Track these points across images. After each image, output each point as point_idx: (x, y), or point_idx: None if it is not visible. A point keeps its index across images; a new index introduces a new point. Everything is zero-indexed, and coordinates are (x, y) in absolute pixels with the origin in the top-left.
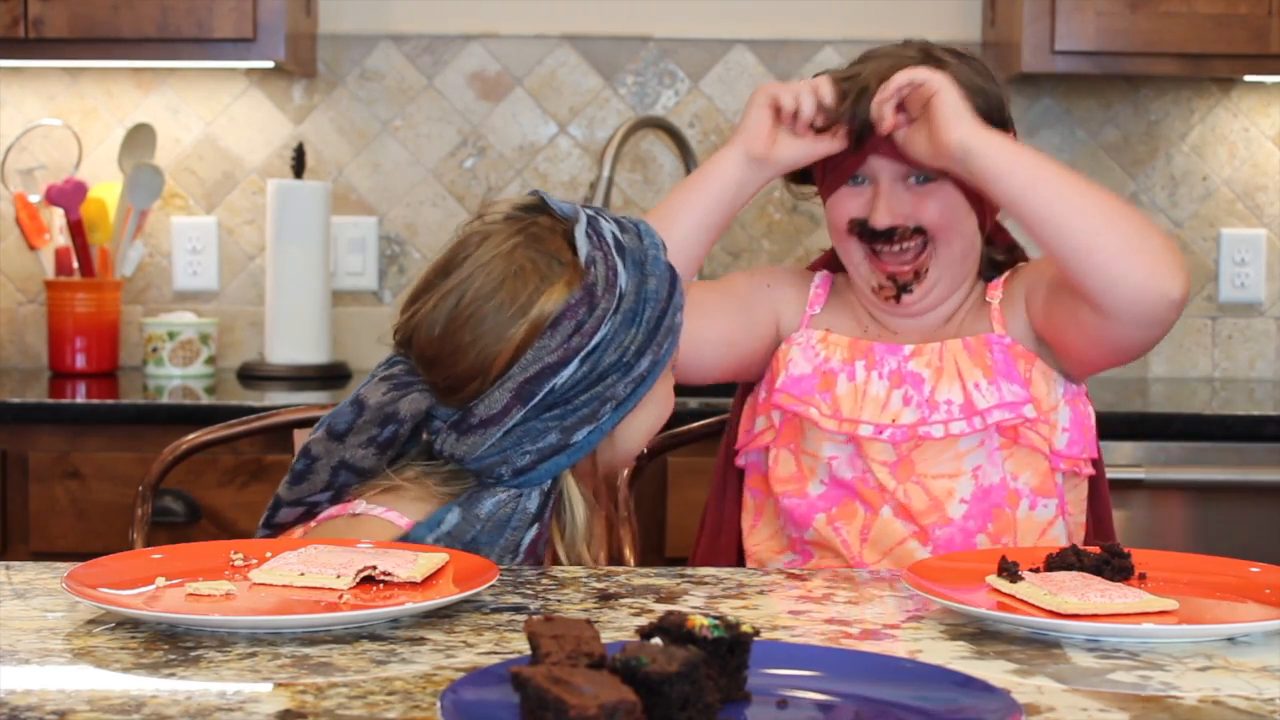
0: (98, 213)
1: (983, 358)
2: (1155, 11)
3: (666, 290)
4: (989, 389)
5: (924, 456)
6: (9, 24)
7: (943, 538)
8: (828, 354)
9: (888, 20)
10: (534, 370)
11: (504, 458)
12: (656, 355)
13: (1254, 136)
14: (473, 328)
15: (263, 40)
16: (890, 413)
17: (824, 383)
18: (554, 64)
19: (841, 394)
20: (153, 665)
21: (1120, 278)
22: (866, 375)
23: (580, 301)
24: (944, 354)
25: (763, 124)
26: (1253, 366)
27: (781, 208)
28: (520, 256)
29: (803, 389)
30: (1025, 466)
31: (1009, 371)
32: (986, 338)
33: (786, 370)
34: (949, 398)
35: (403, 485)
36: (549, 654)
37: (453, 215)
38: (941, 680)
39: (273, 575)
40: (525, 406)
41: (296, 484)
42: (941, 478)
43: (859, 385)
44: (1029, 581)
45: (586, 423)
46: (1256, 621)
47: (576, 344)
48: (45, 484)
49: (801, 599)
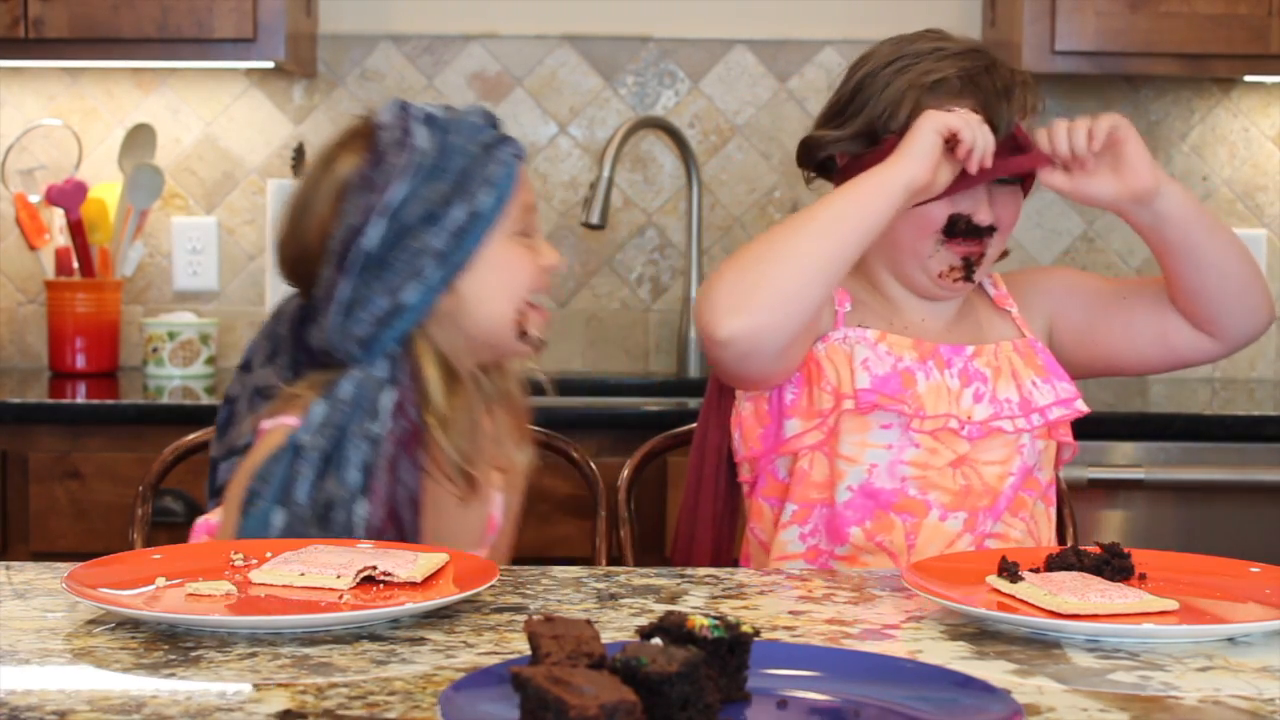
0: (98, 213)
1: (1033, 359)
2: (1155, 11)
3: (480, 144)
4: (1044, 387)
5: (982, 448)
6: (9, 24)
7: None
8: (899, 354)
9: (888, 20)
10: (341, 237)
11: (347, 333)
12: (472, 206)
13: (1254, 136)
14: (294, 216)
15: (263, 40)
16: (964, 409)
17: (905, 381)
18: (554, 64)
19: (923, 392)
20: (153, 665)
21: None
22: (941, 375)
23: (370, 163)
24: (999, 354)
25: (935, 153)
26: (1253, 366)
27: (782, 208)
28: (329, 146)
29: (892, 389)
30: (1045, 464)
31: (1058, 371)
32: (1030, 343)
33: (868, 370)
34: (1007, 396)
35: (298, 394)
36: (549, 654)
37: None
38: (941, 680)
39: (273, 575)
40: (347, 276)
41: (223, 436)
42: (994, 464)
43: (938, 384)
44: (1029, 581)
45: (411, 280)
46: (1256, 621)
47: (372, 202)
48: (45, 484)
49: (801, 599)
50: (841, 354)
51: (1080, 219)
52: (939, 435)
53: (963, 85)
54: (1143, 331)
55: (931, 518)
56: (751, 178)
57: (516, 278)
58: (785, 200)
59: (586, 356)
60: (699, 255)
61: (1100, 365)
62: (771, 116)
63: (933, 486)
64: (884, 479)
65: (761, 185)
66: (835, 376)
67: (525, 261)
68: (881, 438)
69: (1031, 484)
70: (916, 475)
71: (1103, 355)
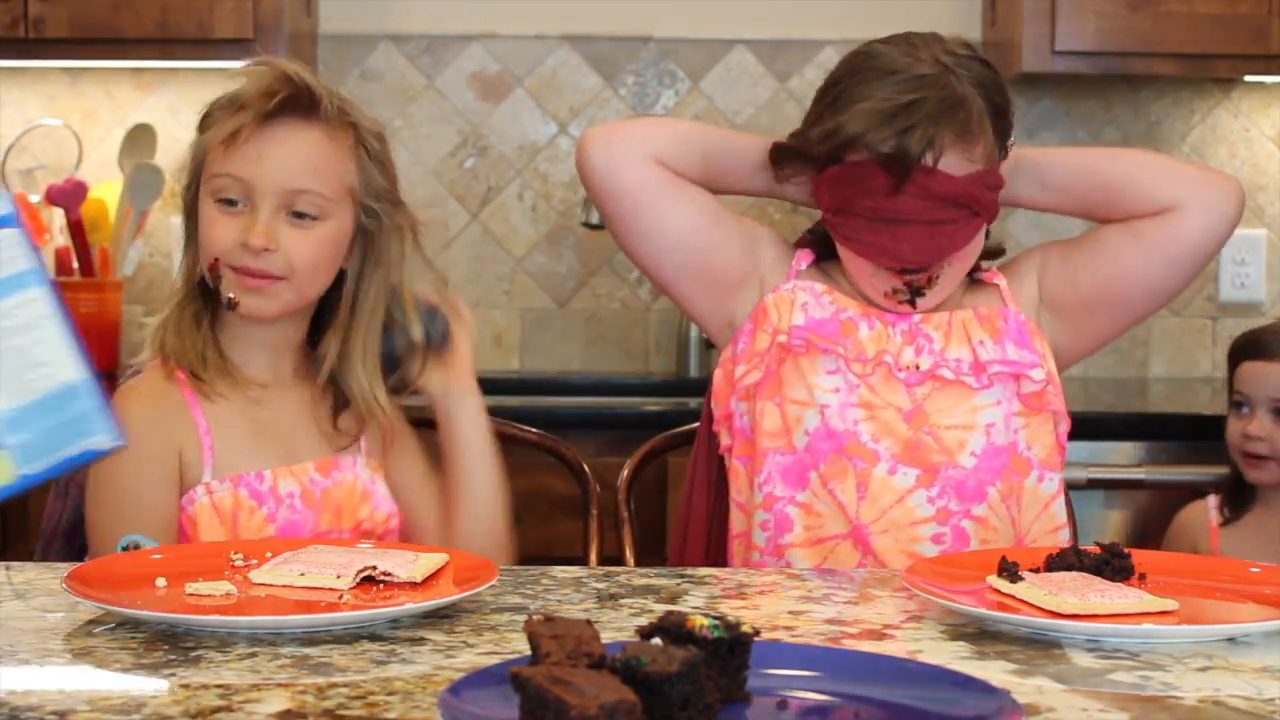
0: (98, 213)
1: (992, 323)
2: (1155, 11)
3: None
4: (994, 347)
5: (937, 406)
6: (9, 24)
7: (955, 478)
8: (842, 306)
9: (888, 20)
10: None
11: None
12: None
13: (1254, 136)
14: None
15: (263, 40)
16: (905, 361)
17: (845, 328)
18: (554, 64)
19: (864, 338)
20: (153, 665)
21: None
22: (884, 329)
23: None
24: (953, 320)
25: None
26: None
27: (782, 208)
28: None
29: (827, 331)
30: (1037, 439)
31: (1021, 339)
32: (1002, 309)
33: (805, 312)
34: (958, 356)
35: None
36: (549, 654)
37: (453, 215)
38: (941, 680)
39: (273, 575)
40: None
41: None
42: (955, 428)
43: (879, 332)
44: (1029, 582)
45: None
46: (1256, 621)
47: None
48: (45, 484)
49: (801, 599)
50: (786, 300)
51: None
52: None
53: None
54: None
55: (880, 469)
56: None
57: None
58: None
59: (586, 356)
60: None
61: (1099, 303)
62: (771, 116)
63: (885, 434)
64: (837, 420)
65: None
66: (776, 318)
67: (214, 226)
68: (828, 381)
69: (1020, 464)
70: (867, 418)
71: (1094, 285)
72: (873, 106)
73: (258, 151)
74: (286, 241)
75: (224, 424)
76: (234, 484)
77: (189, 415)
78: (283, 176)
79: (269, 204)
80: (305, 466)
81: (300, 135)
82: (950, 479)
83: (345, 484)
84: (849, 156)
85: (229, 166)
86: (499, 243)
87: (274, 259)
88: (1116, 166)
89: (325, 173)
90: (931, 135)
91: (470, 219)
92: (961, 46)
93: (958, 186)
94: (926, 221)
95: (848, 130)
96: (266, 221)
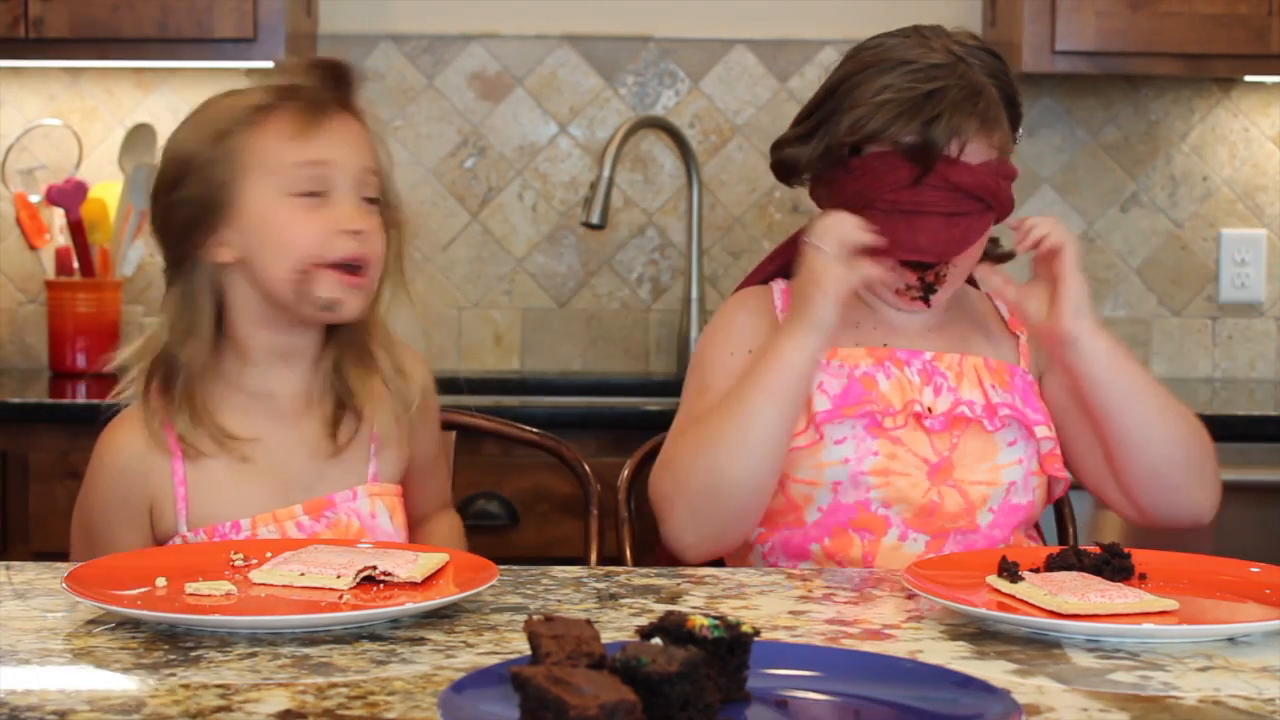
0: (98, 213)
1: (1002, 375)
2: (1155, 11)
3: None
4: (1004, 394)
5: (964, 461)
6: (9, 24)
7: (964, 542)
8: (854, 363)
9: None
10: None
11: None
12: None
13: (1254, 136)
14: None
15: (263, 40)
16: (926, 402)
17: (866, 385)
18: (554, 64)
19: (886, 390)
20: (153, 665)
21: (1173, 503)
22: (901, 372)
23: None
24: (964, 363)
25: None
26: (1253, 367)
27: (782, 208)
28: None
29: (853, 397)
30: (1040, 498)
31: (1027, 398)
32: (1010, 367)
33: (825, 393)
34: (971, 398)
35: None
36: (549, 654)
37: (453, 215)
38: (941, 680)
39: (273, 575)
40: None
41: None
42: (979, 484)
43: (898, 379)
44: (1029, 581)
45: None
46: (1256, 621)
47: None
48: (45, 484)
49: (801, 599)
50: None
51: (1081, 219)
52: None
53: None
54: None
55: (890, 537)
56: (752, 178)
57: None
58: (785, 200)
59: (586, 356)
60: (699, 255)
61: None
62: (771, 116)
63: (899, 499)
64: (849, 493)
65: (761, 185)
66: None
67: (300, 223)
68: (835, 454)
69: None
70: (881, 484)
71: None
72: (893, 97)
73: (333, 137)
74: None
75: (205, 474)
76: (208, 535)
77: (167, 466)
78: (359, 157)
79: (351, 187)
80: (292, 510)
81: (348, 118)
82: (960, 543)
83: (338, 524)
84: (868, 149)
85: (308, 154)
86: (499, 243)
87: (371, 244)
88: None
89: (377, 153)
90: (957, 124)
91: (470, 219)
92: (969, 37)
93: (978, 176)
94: (944, 213)
95: (871, 123)
96: (354, 204)
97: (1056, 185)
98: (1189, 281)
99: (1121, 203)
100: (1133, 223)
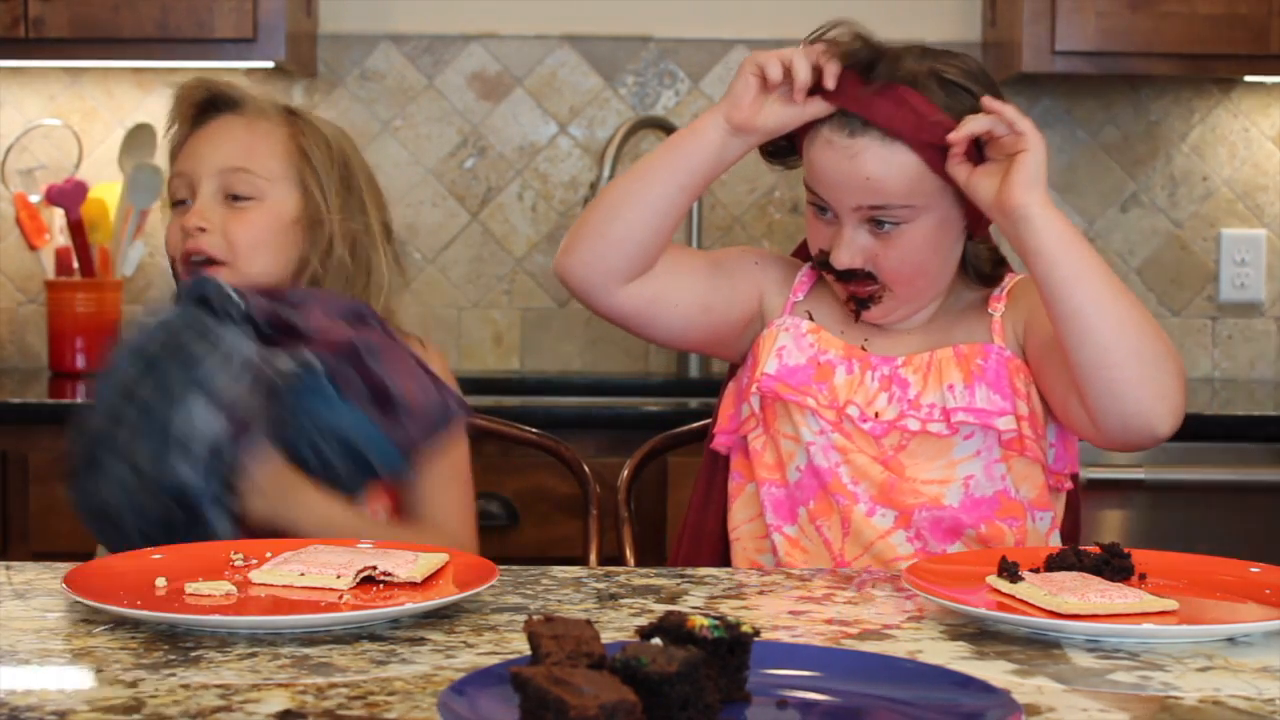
0: (98, 213)
1: (969, 363)
2: (1155, 11)
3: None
4: (963, 393)
5: (914, 459)
6: (9, 24)
7: (930, 518)
8: (822, 347)
9: (888, 20)
10: None
11: None
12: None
13: (1254, 136)
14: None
15: (263, 40)
16: (874, 408)
17: (820, 374)
18: (554, 64)
19: (839, 384)
20: (153, 665)
21: (1121, 400)
22: (861, 374)
23: None
24: (932, 362)
25: (747, 92)
26: (1253, 367)
27: (782, 207)
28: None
29: (799, 379)
30: (1024, 479)
31: (997, 381)
32: (984, 347)
33: (780, 359)
34: (931, 401)
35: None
36: (549, 654)
37: (453, 215)
38: (941, 680)
39: (273, 575)
40: None
41: None
42: (931, 483)
43: (855, 379)
44: (1029, 582)
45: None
46: (1256, 621)
47: None
48: (45, 484)
49: (801, 599)
50: (768, 341)
51: (1081, 219)
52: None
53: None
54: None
55: (860, 509)
56: (751, 178)
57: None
58: (785, 200)
59: (586, 356)
60: None
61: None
62: None
63: (861, 477)
64: (820, 459)
65: (761, 185)
66: (759, 360)
67: (170, 230)
68: (812, 423)
69: (1013, 507)
70: (843, 461)
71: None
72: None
73: (194, 146)
74: (224, 223)
75: None
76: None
77: None
78: (216, 159)
79: (207, 189)
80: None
81: (230, 123)
82: (925, 520)
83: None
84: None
85: (175, 168)
86: (499, 243)
87: (211, 239)
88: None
89: (259, 152)
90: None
91: (470, 219)
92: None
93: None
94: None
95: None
96: (202, 203)
97: (1057, 185)
98: (1189, 281)
99: (1121, 203)
100: (1133, 223)
